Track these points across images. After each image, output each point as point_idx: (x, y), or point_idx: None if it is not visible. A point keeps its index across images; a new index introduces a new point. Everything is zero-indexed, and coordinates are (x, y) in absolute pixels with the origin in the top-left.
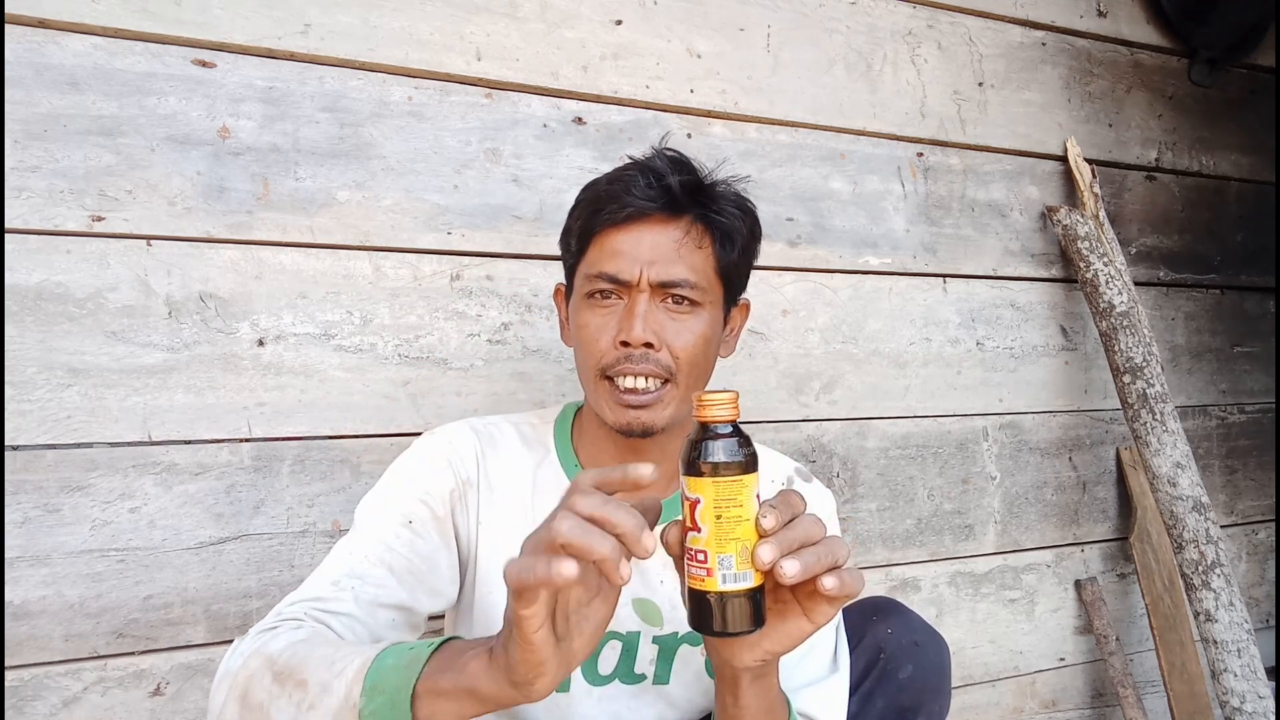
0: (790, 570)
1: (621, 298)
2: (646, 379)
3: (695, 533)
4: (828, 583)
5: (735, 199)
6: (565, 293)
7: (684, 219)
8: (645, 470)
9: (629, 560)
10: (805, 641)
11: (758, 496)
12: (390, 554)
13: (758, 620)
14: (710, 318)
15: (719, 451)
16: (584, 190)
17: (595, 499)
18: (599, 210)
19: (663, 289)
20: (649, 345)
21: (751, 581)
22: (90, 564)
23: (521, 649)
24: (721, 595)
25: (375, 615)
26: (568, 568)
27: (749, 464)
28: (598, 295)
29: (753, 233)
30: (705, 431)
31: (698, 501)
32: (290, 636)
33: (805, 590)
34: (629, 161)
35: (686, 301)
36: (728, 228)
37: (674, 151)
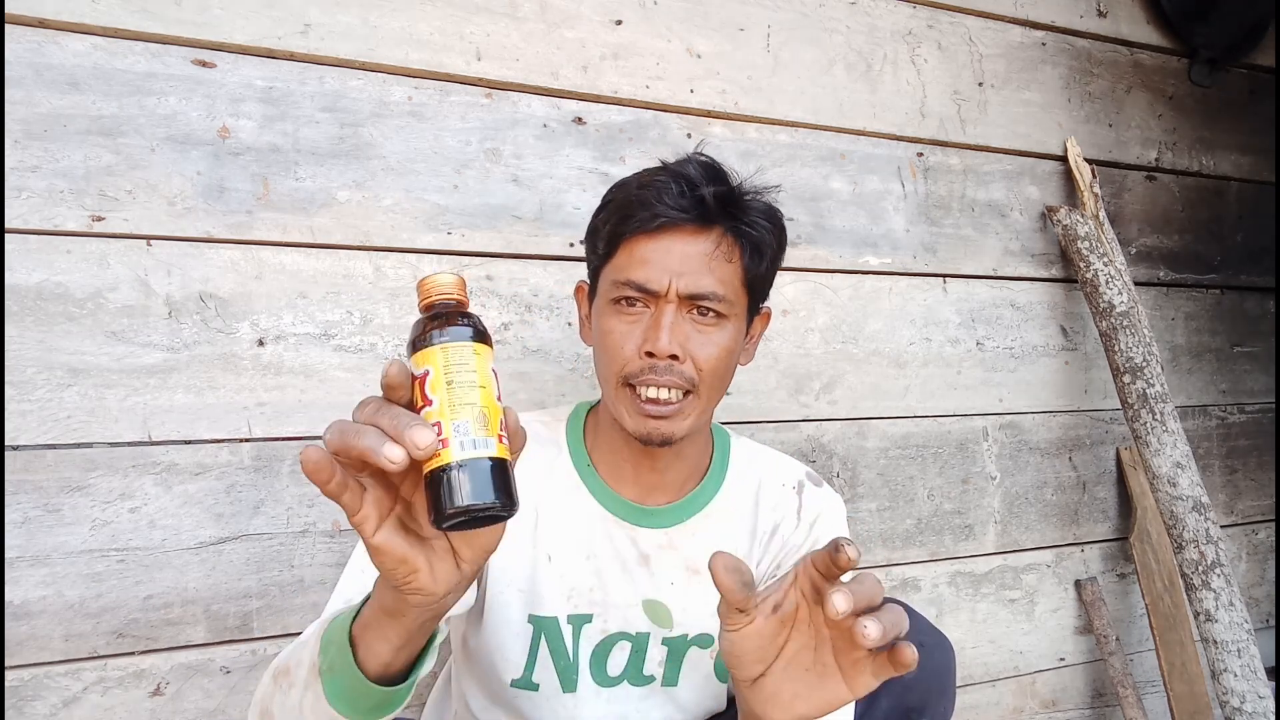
0: (873, 633)
1: (648, 306)
2: (669, 390)
3: (427, 408)
4: (908, 656)
5: (765, 210)
6: (588, 291)
7: (715, 230)
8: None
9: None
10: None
11: (494, 373)
12: None
13: (503, 493)
14: (734, 329)
15: (445, 322)
16: (613, 190)
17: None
18: (630, 216)
19: (690, 300)
20: (674, 357)
21: (494, 450)
22: (90, 564)
23: (371, 552)
24: (460, 464)
25: None
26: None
27: (481, 335)
28: (623, 302)
29: (780, 243)
30: (430, 310)
31: (426, 374)
32: (290, 646)
33: (852, 658)
34: (660, 165)
35: (713, 313)
36: (758, 240)
37: (706, 157)
